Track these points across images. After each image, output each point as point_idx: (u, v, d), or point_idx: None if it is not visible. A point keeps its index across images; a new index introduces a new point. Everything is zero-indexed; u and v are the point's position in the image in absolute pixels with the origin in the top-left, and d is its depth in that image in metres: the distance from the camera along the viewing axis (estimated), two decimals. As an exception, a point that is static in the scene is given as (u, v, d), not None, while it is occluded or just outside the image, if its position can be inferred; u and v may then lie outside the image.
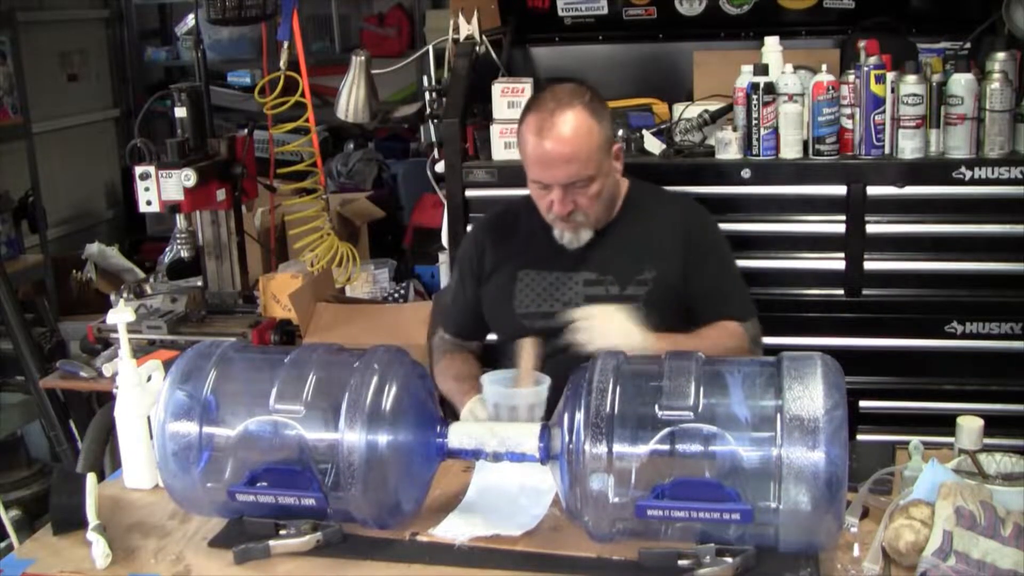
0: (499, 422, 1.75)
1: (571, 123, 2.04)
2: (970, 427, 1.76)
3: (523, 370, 1.86)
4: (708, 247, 2.23)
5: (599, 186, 2.10)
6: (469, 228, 2.38)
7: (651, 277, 2.15)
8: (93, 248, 4.15)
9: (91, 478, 1.70)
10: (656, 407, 1.48)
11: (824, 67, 2.64)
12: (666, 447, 1.47)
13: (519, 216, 2.29)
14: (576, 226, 2.15)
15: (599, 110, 2.10)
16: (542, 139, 2.05)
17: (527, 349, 1.88)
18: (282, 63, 2.99)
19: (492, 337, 2.38)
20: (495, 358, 2.30)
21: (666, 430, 1.47)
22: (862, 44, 2.67)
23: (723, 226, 2.71)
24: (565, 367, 1.68)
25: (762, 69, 2.65)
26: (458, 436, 1.61)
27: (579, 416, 1.49)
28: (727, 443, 1.46)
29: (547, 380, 1.88)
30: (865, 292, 2.69)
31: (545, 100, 2.10)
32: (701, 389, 1.49)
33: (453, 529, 1.62)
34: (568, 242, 2.18)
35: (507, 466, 1.65)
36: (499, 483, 1.73)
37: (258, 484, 1.60)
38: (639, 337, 1.93)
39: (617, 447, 1.47)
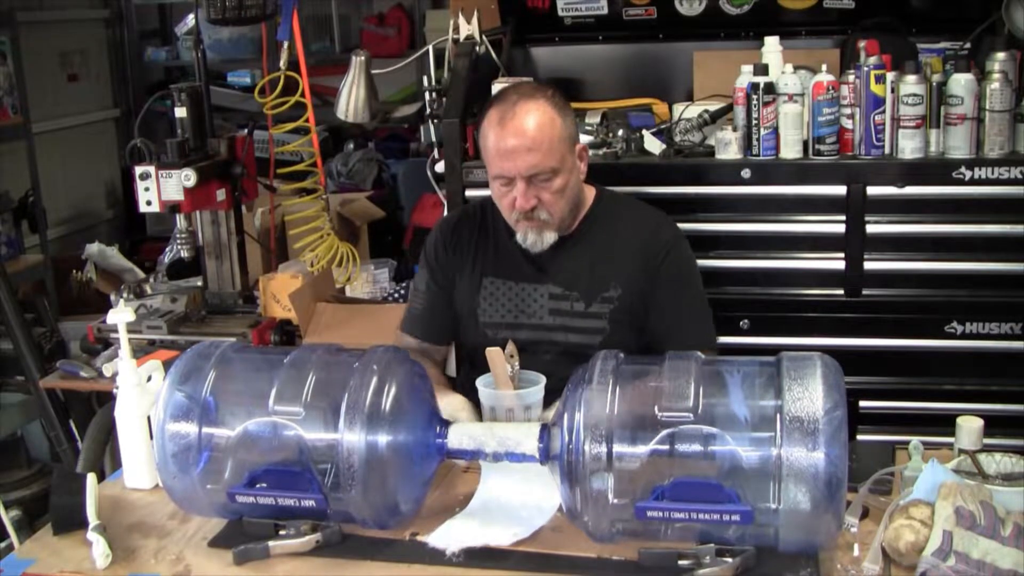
0: (498, 422, 1.74)
1: (534, 114, 2.00)
2: (970, 427, 1.76)
3: (498, 379, 1.84)
4: (674, 269, 2.14)
5: (563, 181, 2.04)
6: (433, 227, 2.29)
7: (616, 295, 2.11)
8: (93, 248, 4.14)
9: (91, 478, 1.70)
10: (656, 408, 1.48)
11: (824, 67, 2.63)
12: (666, 447, 1.47)
13: (485, 218, 2.22)
14: (540, 225, 2.07)
15: (562, 106, 2.06)
16: (504, 130, 2.00)
17: (496, 359, 1.84)
18: (282, 63, 2.98)
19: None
20: (457, 365, 2.25)
21: (666, 431, 1.47)
22: (862, 44, 2.66)
23: (723, 226, 2.74)
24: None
25: (762, 69, 2.64)
26: (458, 437, 1.61)
27: (579, 416, 1.48)
28: (727, 444, 1.46)
29: (542, 379, 1.88)
30: (865, 292, 2.69)
31: (508, 94, 2.07)
32: (701, 390, 1.49)
33: (446, 538, 1.60)
34: (531, 244, 2.10)
35: (514, 477, 1.65)
36: (503, 495, 1.70)
37: (258, 485, 1.60)
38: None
39: (617, 448, 1.47)
